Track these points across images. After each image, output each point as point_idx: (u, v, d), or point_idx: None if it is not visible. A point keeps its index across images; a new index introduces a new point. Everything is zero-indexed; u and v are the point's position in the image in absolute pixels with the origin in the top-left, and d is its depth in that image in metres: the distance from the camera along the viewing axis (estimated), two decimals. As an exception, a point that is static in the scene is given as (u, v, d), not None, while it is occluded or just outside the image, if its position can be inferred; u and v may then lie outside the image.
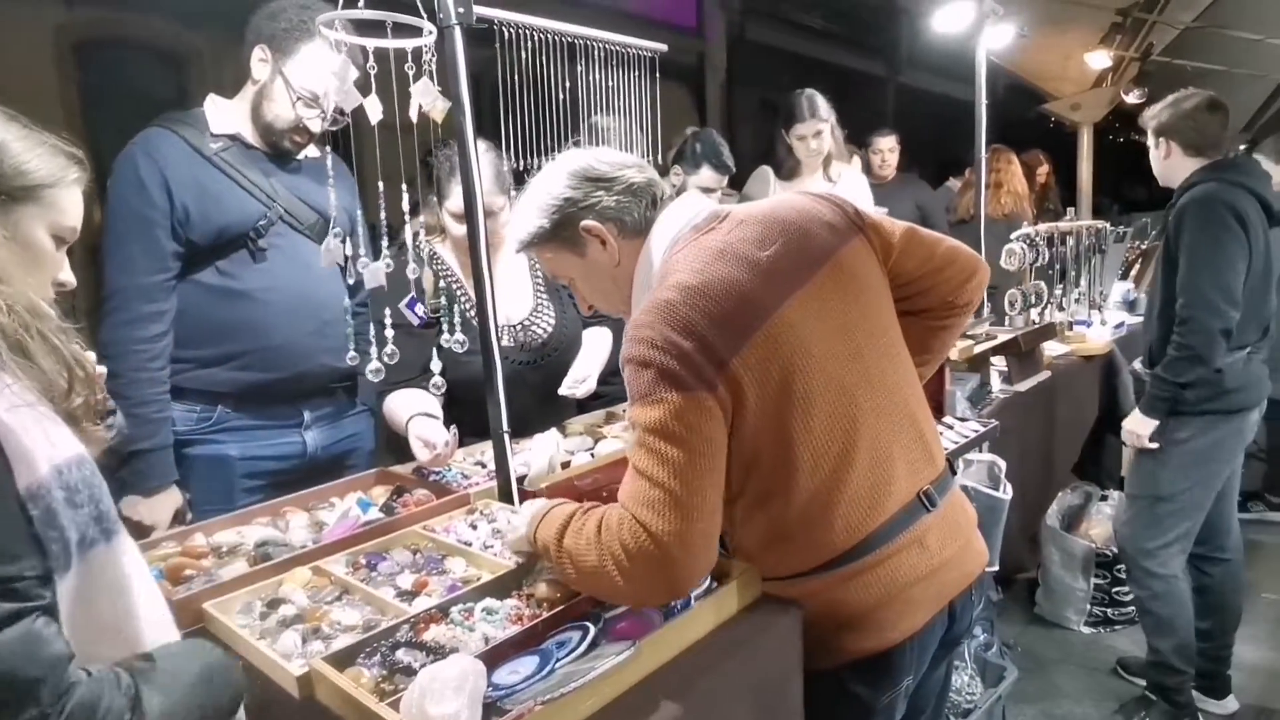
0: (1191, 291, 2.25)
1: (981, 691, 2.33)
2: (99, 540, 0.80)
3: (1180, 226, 2.29)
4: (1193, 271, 2.25)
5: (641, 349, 1.10)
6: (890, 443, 1.21)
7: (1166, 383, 2.30)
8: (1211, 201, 2.25)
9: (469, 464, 1.91)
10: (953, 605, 1.26)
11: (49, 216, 0.90)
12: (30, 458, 0.74)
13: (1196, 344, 2.23)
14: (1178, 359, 2.27)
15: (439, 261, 2.02)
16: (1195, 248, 2.25)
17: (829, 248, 1.23)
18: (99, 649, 0.80)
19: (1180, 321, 2.26)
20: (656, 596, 1.14)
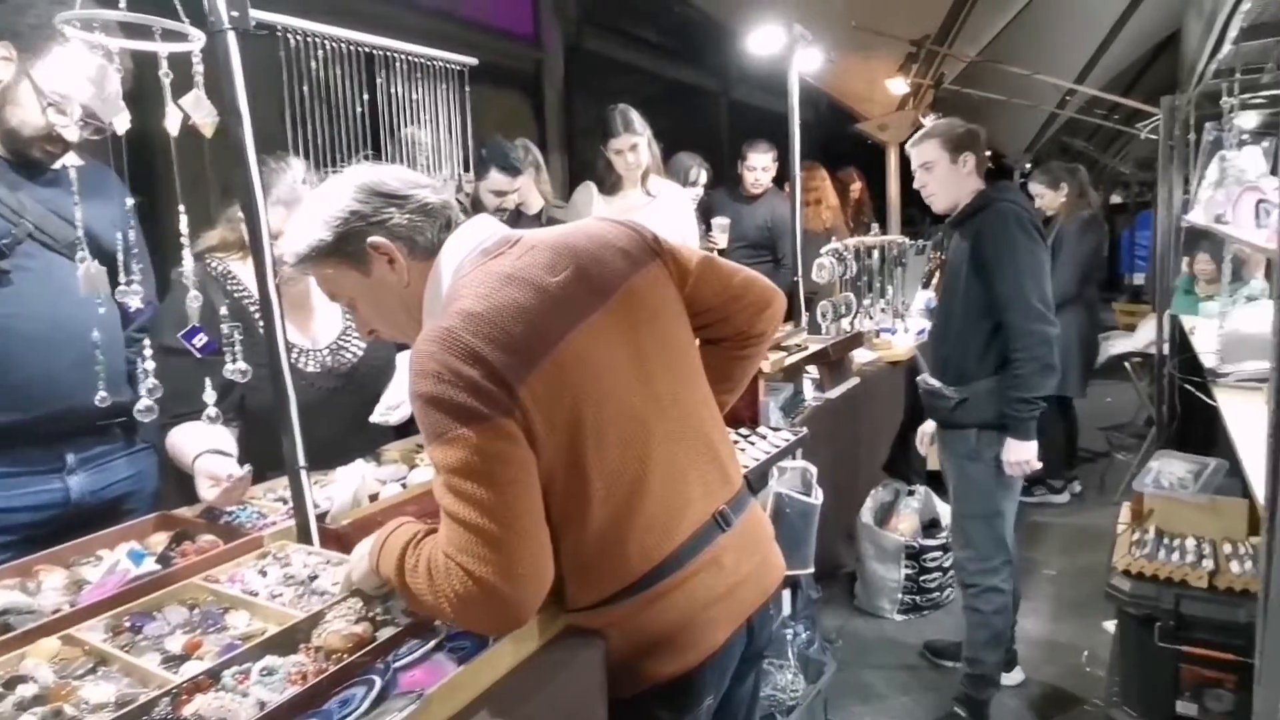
0: (1023, 305, 2.29)
1: (804, 688, 2.44)
2: None
3: (997, 243, 2.33)
4: (1019, 285, 2.29)
5: (427, 384, 1.05)
6: (685, 467, 1.22)
7: (1029, 402, 2.31)
8: (1020, 218, 2.34)
9: (269, 500, 1.77)
10: (751, 621, 1.29)
11: None
12: None
13: (1043, 354, 2.28)
14: (1030, 374, 2.29)
15: (233, 280, 1.87)
16: (1017, 261, 2.30)
17: (622, 274, 1.23)
18: None
19: (1020, 335, 2.30)
20: (496, 631, 1.12)
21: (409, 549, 1.11)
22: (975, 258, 2.39)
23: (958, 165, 2.47)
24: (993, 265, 2.34)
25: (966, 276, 2.42)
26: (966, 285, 2.42)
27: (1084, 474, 4.75)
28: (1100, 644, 2.96)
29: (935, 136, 2.50)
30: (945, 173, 2.49)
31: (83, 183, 1.44)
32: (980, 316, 2.40)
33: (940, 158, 2.48)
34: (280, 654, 1.13)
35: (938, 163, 2.49)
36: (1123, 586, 2.03)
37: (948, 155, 2.47)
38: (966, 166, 2.48)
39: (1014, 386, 2.32)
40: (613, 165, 3.14)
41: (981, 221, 2.40)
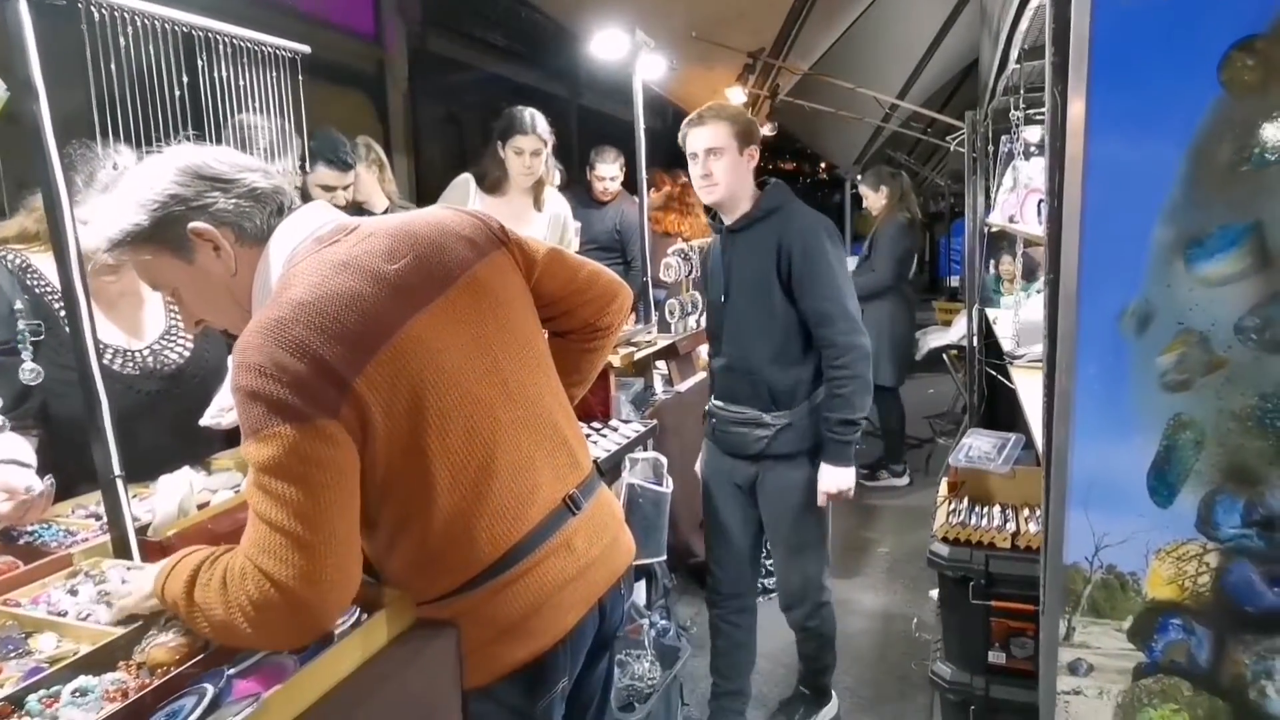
0: (845, 319, 2.12)
1: (660, 674, 2.50)
2: None
3: (806, 252, 2.13)
4: (836, 299, 2.12)
5: (248, 378, 1.00)
6: (532, 452, 1.24)
7: (851, 423, 2.15)
8: (827, 225, 2.19)
9: (77, 517, 1.61)
10: (602, 602, 1.32)
11: None
12: None
13: (864, 370, 2.12)
14: (854, 393, 2.12)
15: (34, 274, 1.69)
16: (830, 275, 2.12)
17: (464, 262, 1.23)
18: None
19: (843, 350, 2.12)
20: (293, 641, 1.06)
21: (204, 565, 1.06)
22: (781, 268, 2.15)
23: (743, 158, 2.20)
24: (806, 278, 2.13)
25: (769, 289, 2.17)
26: (771, 299, 2.17)
27: (911, 459, 5.17)
28: (927, 611, 3.23)
29: (726, 119, 2.18)
30: (732, 163, 2.18)
31: None
32: (792, 333, 2.18)
33: (730, 146, 2.17)
34: (95, 674, 1.04)
35: (727, 151, 2.17)
36: (941, 552, 2.22)
37: (738, 144, 2.18)
38: (751, 161, 2.22)
39: (836, 408, 2.14)
40: (505, 164, 3.06)
41: (783, 228, 2.16)
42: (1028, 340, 2.65)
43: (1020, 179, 2.63)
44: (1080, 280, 1.09)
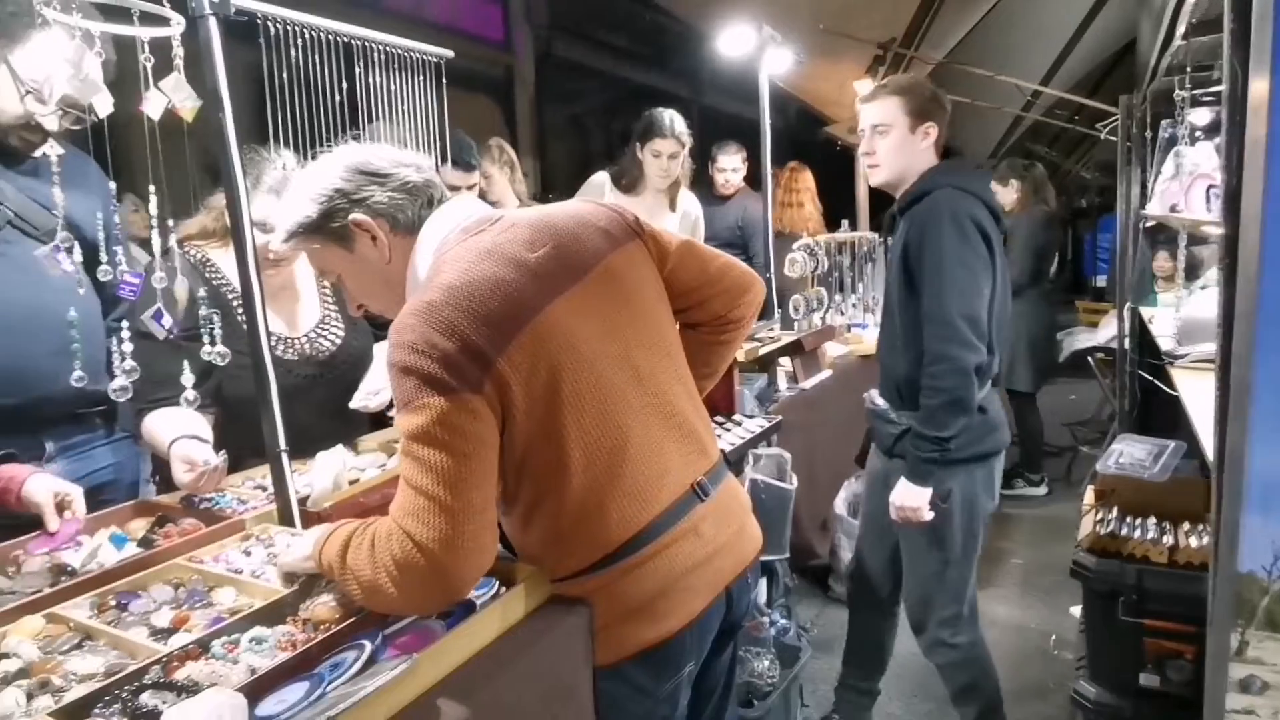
0: (940, 323, 1.90)
1: (780, 673, 2.48)
2: None
3: (921, 242, 1.95)
4: (941, 299, 1.90)
5: (403, 354, 1.08)
6: (662, 438, 1.26)
7: (931, 440, 1.93)
8: (958, 213, 1.93)
9: (247, 488, 1.78)
10: (730, 590, 1.32)
11: None
12: None
13: (955, 386, 1.89)
14: (937, 409, 1.91)
15: (212, 268, 1.87)
16: (942, 271, 1.91)
17: (600, 252, 1.27)
18: None
19: (931, 360, 1.92)
20: (431, 604, 1.13)
21: (357, 531, 1.14)
22: (904, 258, 2.01)
23: (916, 136, 2.05)
24: (917, 272, 1.96)
25: (897, 280, 2.05)
26: (900, 289, 2.04)
27: (1050, 468, 4.87)
28: (1066, 628, 3.04)
29: (897, 94, 2.05)
30: (900, 141, 2.05)
31: (63, 171, 1.45)
32: (915, 330, 1.99)
33: (899, 122, 2.04)
34: (268, 626, 1.15)
35: (894, 127, 2.05)
36: (1087, 563, 2.09)
37: (908, 121, 2.04)
38: (926, 139, 2.05)
39: (918, 419, 1.96)
40: (643, 165, 3.12)
41: (915, 213, 2.00)
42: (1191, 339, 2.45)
43: (1185, 165, 2.42)
44: (1261, 268, 1.00)
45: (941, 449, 1.94)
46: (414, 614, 1.15)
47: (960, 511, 2.06)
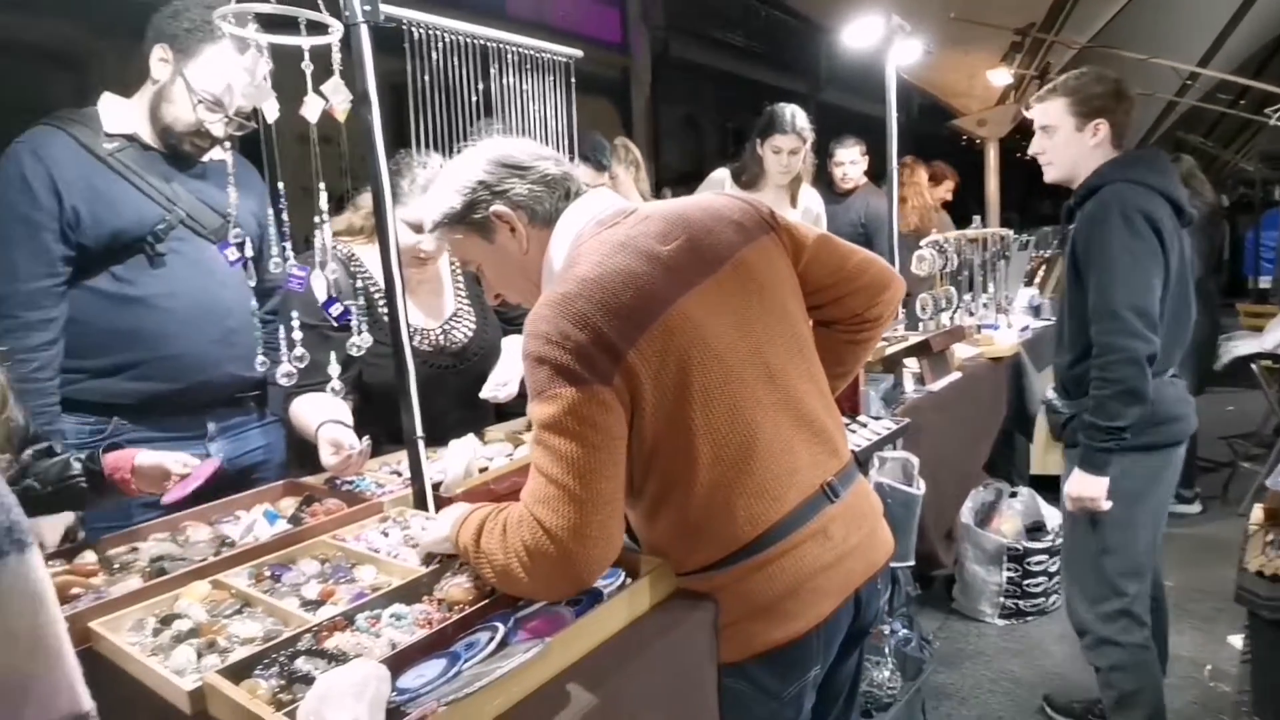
0: (1108, 316, 1.94)
1: (902, 685, 2.39)
2: (11, 551, 0.76)
3: (1089, 238, 1.99)
4: (1107, 291, 1.94)
5: (537, 344, 1.11)
6: (791, 436, 1.23)
7: (1104, 430, 1.96)
8: (1124, 209, 1.94)
9: (384, 473, 1.87)
10: (858, 594, 1.28)
11: None
12: None
13: (1126, 377, 1.92)
14: (1109, 399, 1.94)
15: (357, 263, 1.99)
16: (1108, 263, 1.95)
17: (733, 245, 1.25)
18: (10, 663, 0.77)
19: (1100, 352, 1.96)
20: (559, 590, 1.14)
21: (490, 516, 1.18)
22: (1071, 252, 2.06)
23: (1084, 133, 2.08)
24: (1084, 265, 2.01)
25: (1068, 273, 2.09)
26: (1070, 284, 2.09)
27: (1205, 484, 4.47)
28: (1224, 659, 2.79)
29: (1064, 95, 2.10)
30: (1067, 140, 2.10)
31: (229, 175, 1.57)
32: (1082, 322, 2.04)
33: (1064, 122, 2.09)
34: (406, 603, 1.20)
35: (1060, 128, 2.10)
36: (1257, 589, 1.90)
37: (1074, 120, 2.08)
38: (1096, 135, 2.07)
39: (1089, 410, 1.99)
40: (762, 161, 3.11)
41: (1090, 212, 2.02)
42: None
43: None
44: None
45: (1116, 438, 1.98)
46: (543, 599, 1.17)
47: (1119, 501, 2.05)
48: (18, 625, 0.78)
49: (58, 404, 1.65)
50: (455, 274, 2.10)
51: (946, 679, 2.76)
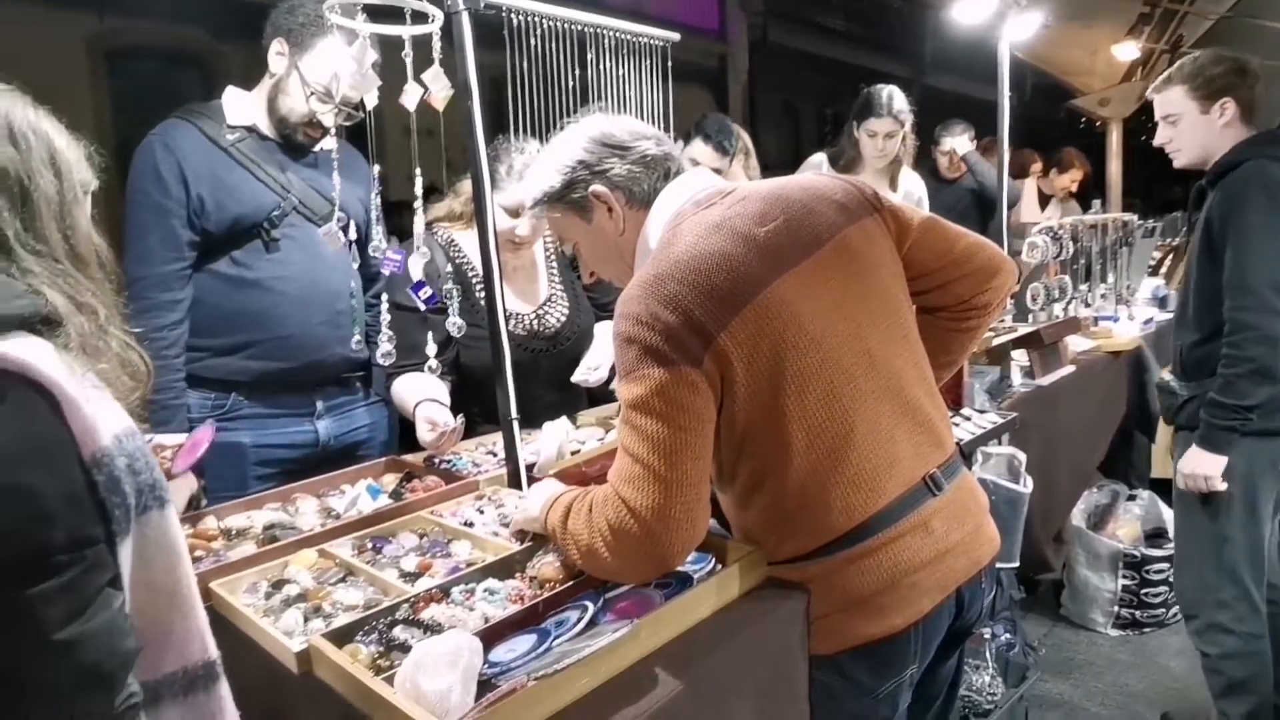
0: (1243, 292, 1.88)
1: (1003, 691, 2.28)
2: (153, 506, 0.83)
3: (1226, 212, 1.94)
4: (1244, 267, 1.89)
5: (627, 325, 1.10)
6: (892, 426, 1.19)
7: (1230, 409, 1.92)
8: (1266, 182, 1.90)
9: (480, 453, 1.91)
10: (960, 592, 1.22)
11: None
12: (93, 427, 0.77)
13: (1258, 356, 1.87)
14: (1238, 377, 1.90)
15: (455, 248, 2.04)
16: (1246, 238, 1.89)
17: (833, 227, 1.21)
18: (154, 609, 0.85)
19: (1232, 329, 1.90)
20: (642, 571, 1.14)
21: (579, 498, 1.18)
22: (1208, 230, 2.00)
23: (1211, 115, 2.02)
24: (1220, 241, 1.95)
25: (1198, 251, 2.04)
26: (1201, 264, 2.04)
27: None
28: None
29: (1180, 82, 2.06)
30: (1193, 124, 2.05)
31: (338, 163, 1.63)
32: (1213, 301, 1.98)
33: (1187, 108, 2.05)
34: (499, 579, 1.22)
35: (1183, 114, 2.06)
36: None
37: (1196, 105, 2.04)
38: (1224, 116, 2.01)
39: (1216, 388, 1.94)
40: (859, 145, 3.05)
41: (1229, 187, 1.96)
42: None
43: None
44: None
45: (1241, 418, 1.93)
46: (626, 580, 1.16)
47: (1239, 483, 2.00)
48: (159, 577, 0.85)
49: (184, 380, 1.76)
50: (550, 260, 2.13)
51: (1053, 688, 2.62)
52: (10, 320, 0.78)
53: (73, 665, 0.72)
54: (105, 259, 0.92)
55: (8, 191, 0.83)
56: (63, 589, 0.72)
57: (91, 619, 0.73)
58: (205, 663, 0.91)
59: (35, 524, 0.72)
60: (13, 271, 0.81)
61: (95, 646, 0.73)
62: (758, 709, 1.10)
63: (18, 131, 0.85)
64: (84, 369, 0.81)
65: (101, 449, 0.77)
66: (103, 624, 0.74)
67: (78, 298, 0.85)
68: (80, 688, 0.73)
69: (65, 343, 0.81)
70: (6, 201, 0.83)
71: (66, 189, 0.88)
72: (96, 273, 0.90)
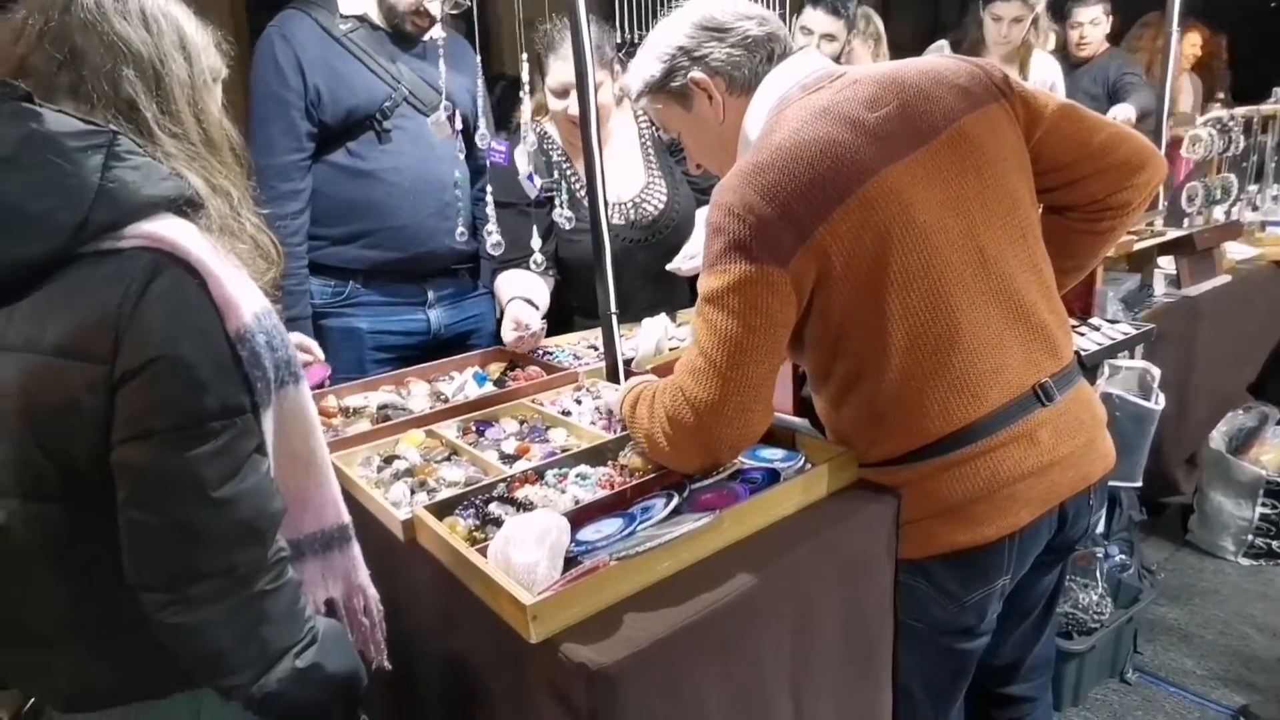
0: None
1: (1111, 611, 2.20)
2: (290, 381, 0.90)
3: None
4: None
5: (718, 215, 1.07)
6: (1002, 330, 1.12)
7: None
8: None
9: (581, 346, 1.95)
10: (1064, 507, 1.17)
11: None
12: (236, 304, 0.82)
13: None
14: None
15: (549, 141, 2.02)
16: None
17: (953, 113, 1.12)
18: (294, 476, 0.93)
19: None
20: (692, 461, 1.15)
21: (648, 388, 1.18)
22: None
23: None
24: None
25: None
26: None
27: None
28: None
29: None
30: None
31: (448, 52, 1.62)
32: None
33: None
34: (591, 465, 1.26)
35: None
36: None
37: None
38: None
39: None
40: (982, 29, 2.81)
41: None
42: None
43: None
44: None
45: None
46: (681, 469, 1.17)
47: None
48: (297, 446, 0.93)
49: (306, 267, 1.86)
50: (645, 146, 2.08)
51: (1168, 613, 2.51)
52: (159, 201, 0.82)
53: (230, 520, 0.80)
54: (236, 145, 0.96)
55: (143, 75, 0.86)
56: (218, 452, 0.79)
57: (245, 480, 0.81)
58: (339, 525, 0.99)
59: (192, 393, 0.78)
60: (156, 154, 0.85)
61: (249, 504, 0.81)
62: (840, 607, 1.11)
63: (149, 15, 0.87)
64: (225, 249, 0.85)
65: (244, 325, 0.82)
66: (254, 485, 0.82)
67: (213, 180, 0.90)
68: (239, 540, 0.81)
69: (207, 224, 0.86)
70: (143, 85, 0.86)
71: (196, 73, 0.91)
72: (229, 157, 0.94)
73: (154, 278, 0.79)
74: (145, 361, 0.77)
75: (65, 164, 0.79)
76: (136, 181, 0.81)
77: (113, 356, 0.77)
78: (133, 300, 0.77)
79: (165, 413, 0.78)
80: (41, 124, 0.80)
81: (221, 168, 0.92)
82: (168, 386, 0.78)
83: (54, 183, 0.78)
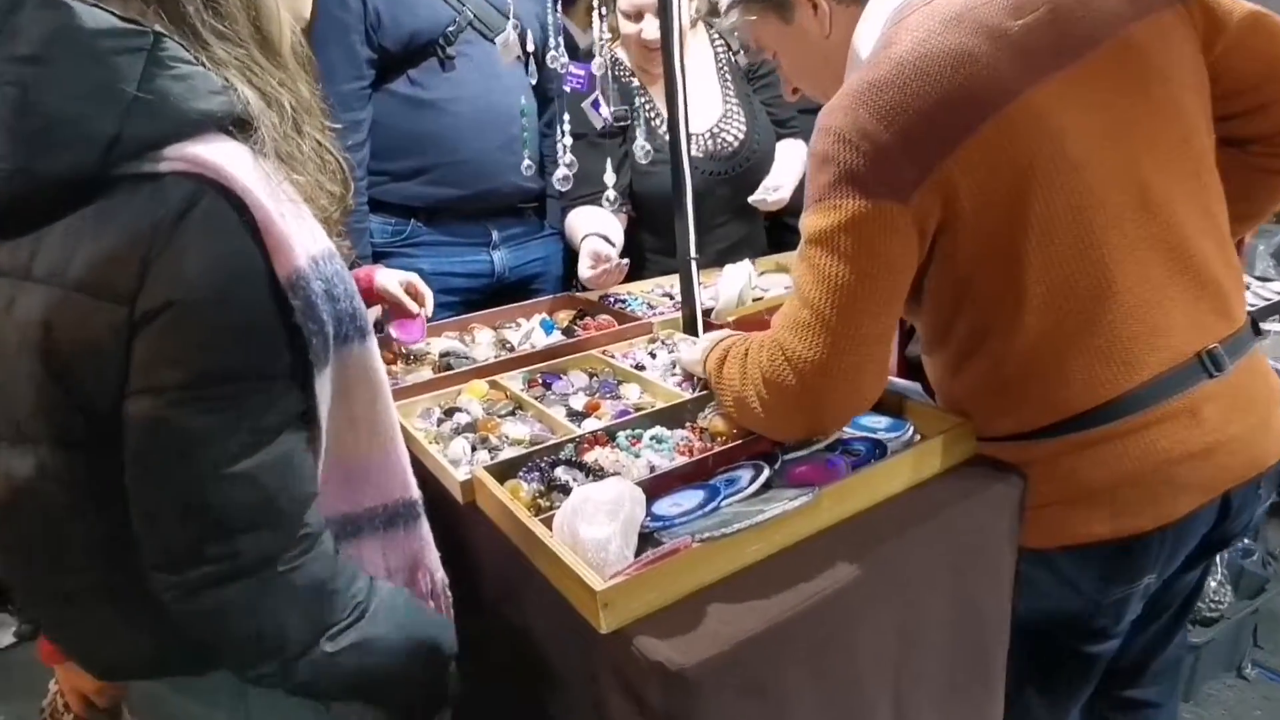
0: None
1: (1231, 601, 2.00)
2: (354, 337, 0.77)
3: None
4: None
5: (826, 141, 0.90)
6: (1165, 285, 0.93)
7: None
8: None
9: (656, 294, 1.81)
10: (1228, 496, 0.99)
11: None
12: (289, 246, 0.69)
13: None
14: None
15: (621, 67, 1.86)
16: None
17: (1116, 21, 0.92)
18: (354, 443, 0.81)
19: None
20: (792, 429, 1.00)
21: (738, 342, 1.05)
22: None
23: None
24: None
25: None
26: None
27: None
28: None
29: None
30: None
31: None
32: None
33: None
34: (668, 427, 1.13)
35: None
36: None
37: None
38: None
39: None
40: None
41: None
42: None
43: None
44: None
45: None
46: (776, 437, 1.03)
47: None
48: (360, 410, 0.80)
49: (366, 203, 1.76)
50: (723, 71, 1.90)
51: (1291, 604, 2.28)
52: (207, 119, 0.69)
53: (244, 501, 0.69)
54: (297, 46, 0.82)
55: None
56: (237, 421, 0.68)
57: (267, 456, 0.69)
58: (406, 501, 0.88)
59: (214, 347, 0.67)
60: (204, 62, 0.71)
61: (269, 484, 0.69)
62: (951, 602, 0.96)
63: None
64: (280, 179, 0.73)
65: (297, 270, 0.69)
66: (278, 461, 0.70)
67: (266, 90, 0.75)
68: (252, 524, 0.69)
69: (260, 147, 0.73)
70: None
71: None
72: (289, 61, 0.79)
73: (191, 207, 0.66)
74: (166, 303, 0.66)
75: (98, 67, 0.67)
76: (180, 94, 0.68)
77: (135, 295, 0.67)
78: (165, 233, 0.66)
79: (179, 365, 0.66)
80: (73, 18, 0.68)
81: (278, 72, 0.78)
82: (186, 334, 0.66)
83: (85, 87, 0.67)
